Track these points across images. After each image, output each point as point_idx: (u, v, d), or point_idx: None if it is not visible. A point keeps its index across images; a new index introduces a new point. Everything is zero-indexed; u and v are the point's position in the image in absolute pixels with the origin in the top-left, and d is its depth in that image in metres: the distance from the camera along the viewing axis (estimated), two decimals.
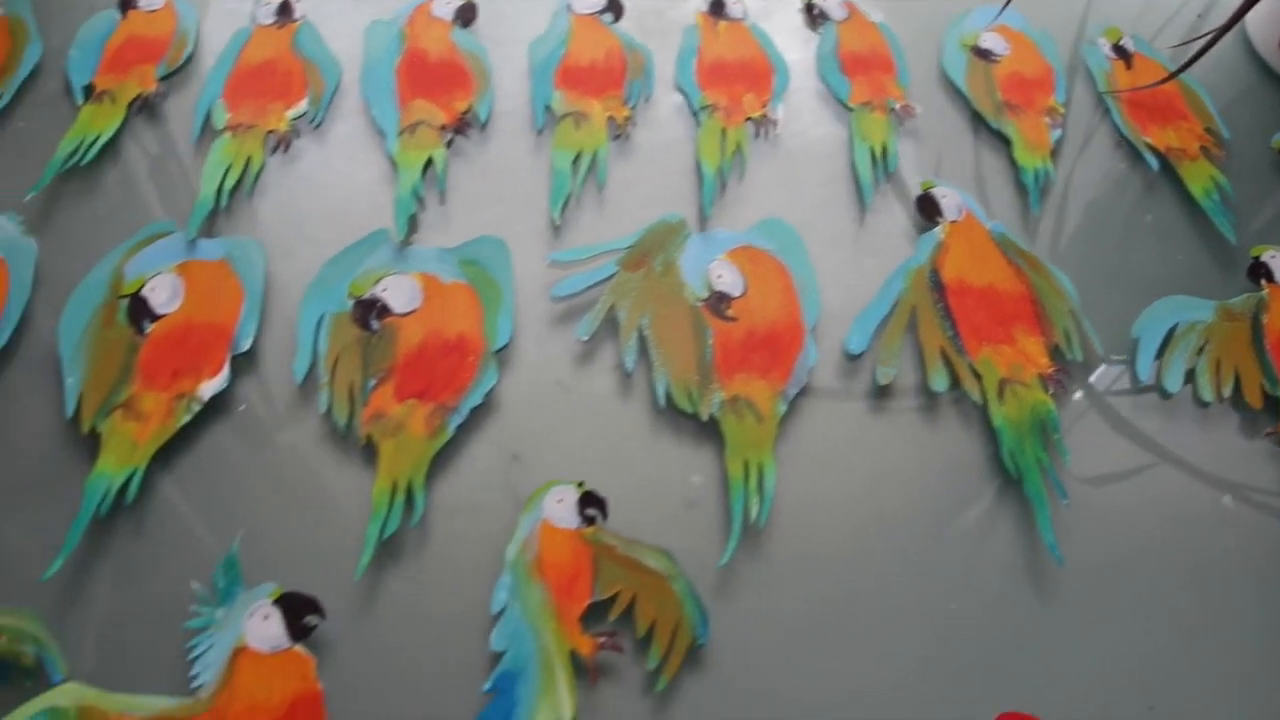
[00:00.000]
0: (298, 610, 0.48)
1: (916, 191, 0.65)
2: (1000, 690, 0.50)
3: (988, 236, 0.63)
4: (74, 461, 0.53)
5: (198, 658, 0.47)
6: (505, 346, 0.57)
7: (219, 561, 0.49)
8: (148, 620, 0.49)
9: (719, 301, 0.59)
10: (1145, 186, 0.70)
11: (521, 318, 0.59)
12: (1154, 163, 0.70)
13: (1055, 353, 0.59)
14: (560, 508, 0.51)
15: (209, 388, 0.54)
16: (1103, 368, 0.61)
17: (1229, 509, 0.56)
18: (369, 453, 0.53)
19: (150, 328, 0.56)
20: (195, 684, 0.46)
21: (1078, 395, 0.60)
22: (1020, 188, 0.68)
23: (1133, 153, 0.71)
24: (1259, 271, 0.64)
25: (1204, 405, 0.60)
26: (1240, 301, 0.63)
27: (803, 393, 0.57)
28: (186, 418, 0.53)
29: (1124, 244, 0.67)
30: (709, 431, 0.56)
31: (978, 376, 0.58)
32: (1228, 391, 0.60)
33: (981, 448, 0.57)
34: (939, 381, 0.58)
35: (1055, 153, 0.70)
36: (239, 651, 0.47)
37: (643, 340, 0.57)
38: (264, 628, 0.47)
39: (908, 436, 0.57)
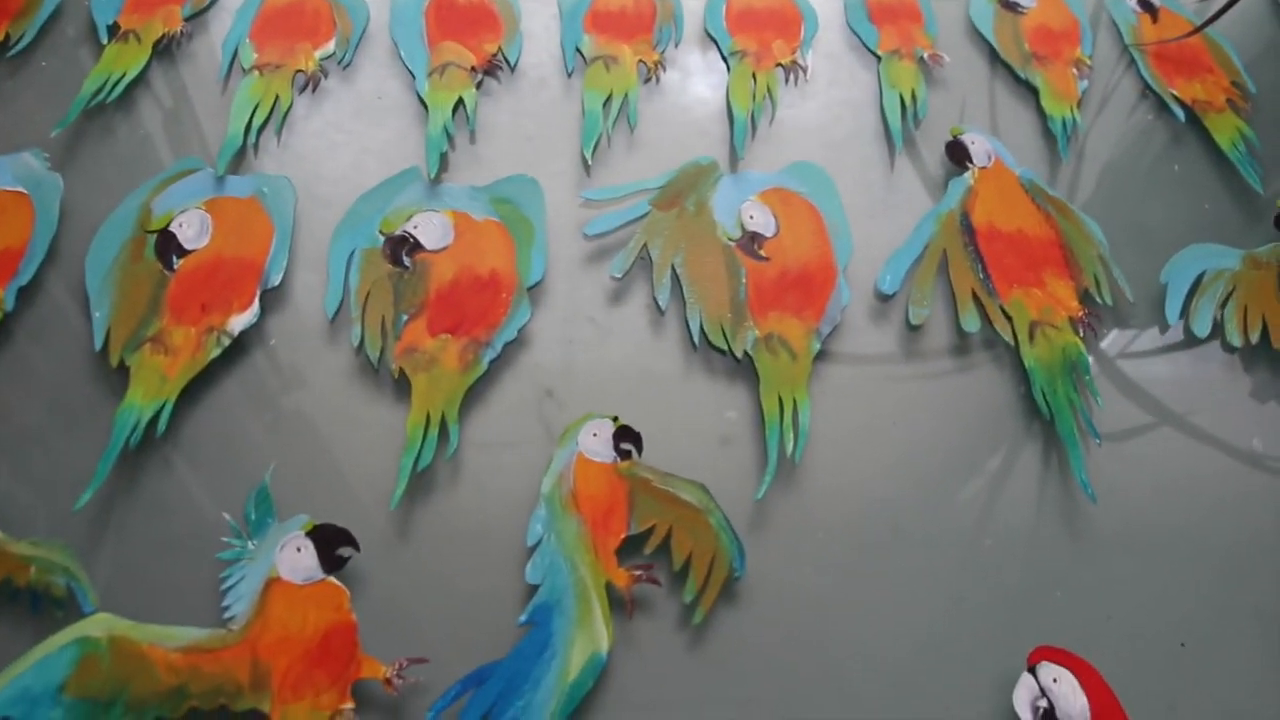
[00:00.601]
0: (331, 542, 0.46)
1: (945, 139, 0.64)
2: (1034, 626, 0.49)
3: (1017, 182, 0.62)
4: (103, 394, 0.51)
5: (229, 589, 0.46)
6: (538, 283, 0.55)
7: (250, 494, 0.48)
8: (179, 552, 0.48)
9: (751, 241, 0.57)
10: (1171, 138, 0.68)
11: (554, 255, 0.57)
12: (1180, 114, 0.68)
13: (1085, 297, 0.58)
14: (595, 441, 0.50)
15: (239, 322, 0.52)
16: (1131, 312, 0.59)
17: (1257, 451, 0.55)
18: (401, 387, 0.52)
19: (179, 263, 0.54)
20: (227, 615, 0.45)
21: (1108, 338, 0.58)
22: (1048, 136, 0.66)
23: (1159, 105, 0.69)
24: None
25: (1232, 350, 0.59)
26: (1267, 250, 0.61)
27: (836, 331, 0.55)
28: (216, 351, 0.52)
29: (1151, 194, 0.65)
30: (743, 369, 0.54)
31: (1008, 318, 0.56)
32: (1255, 337, 0.58)
33: (1014, 388, 0.56)
34: (970, 322, 0.56)
35: (1082, 104, 0.68)
36: (272, 583, 0.45)
37: (676, 278, 0.56)
38: (297, 559, 0.46)
39: (940, 376, 0.56)
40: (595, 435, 0.50)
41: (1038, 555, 0.51)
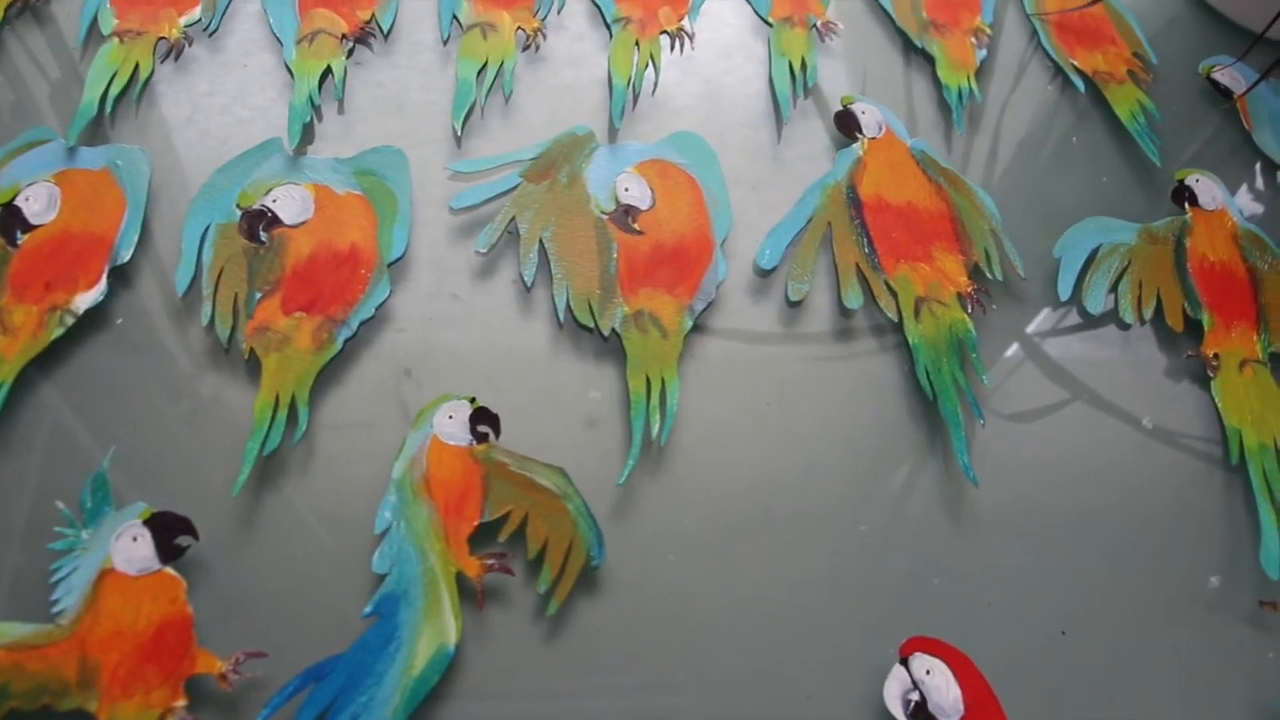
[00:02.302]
0: (169, 530, 0.44)
1: (835, 107, 0.61)
2: (910, 615, 0.47)
3: (908, 154, 0.60)
4: None
5: (60, 581, 0.43)
6: (400, 259, 0.53)
7: (87, 481, 0.45)
8: (8, 543, 0.45)
9: (625, 214, 0.55)
10: (1072, 110, 0.66)
11: (419, 230, 0.55)
12: (1081, 85, 0.66)
13: (975, 272, 0.56)
14: (451, 424, 0.48)
15: (84, 300, 0.50)
16: (1022, 288, 0.57)
17: (1148, 430, 0.53)
18: (253, 368, 0.49)
19: (23, 239, 0.51)
20: (56, 609, 0.42)
21: (998, 316, 0.56)
22: (944, 107, 0.64)
23: (1060, 75, 0.67)
24: (1182, 195, 0.61)
25: (1125, 327, 0.57)
26: (1163, 225, 0.59)
27: (711, 308, 0.53)
28: (59, 331, 0.49)
29: (1050, 166, 0.63)
30: (612, 348, 0.52)
31: (893, 294, 0.54)
32: (1149, 314, 0.57)
33: (896, 366, 0.54)
34: (853, 298, 0.54)
35: (981, 73, 0.66)
36: (105, 574, 0.43)
37: (544, 253, 0.54)
38: (132, 549, 0.43)
39: (820, 354, 0.54)
40: (451, 417, 0.48)
41: (916, 541, 0.49)
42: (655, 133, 0.60)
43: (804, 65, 0.63)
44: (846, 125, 0.60)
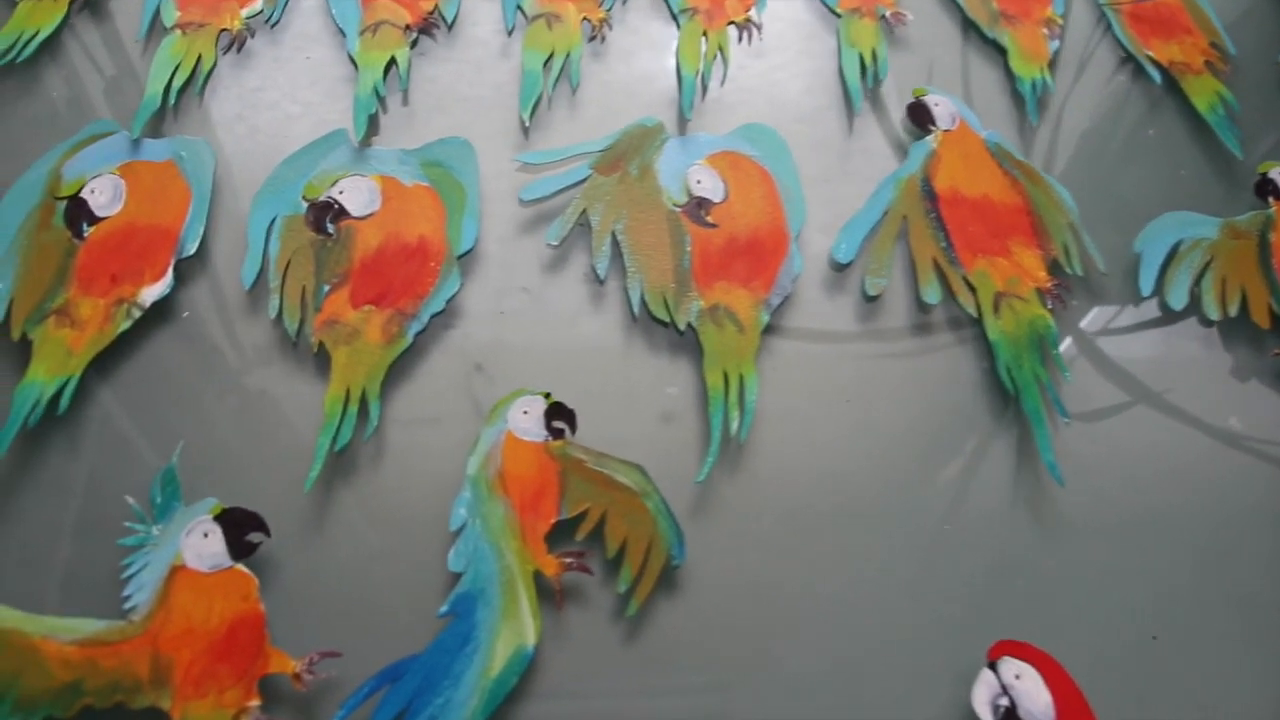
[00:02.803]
0: (240, 527, 0.43)
1: (907, 101, 0.59)
2: (995, 618, 0.45)
3: (983, 146, 0.58)
4: (2, 370, 0.48)
5: (131, 577, 0.42)
6: (469, 251, 0.52)
7: (156, 476, 0.44)
8: (80, 538, 0.44)
9: (698, 207, 0.53)
10: (1147, 101, 0.64)
11: (488, 222, 0.54)
12: (1157, 76, 0.64)
13: (1054, 267, 0.54)
14: (526, 419, 0.46)
15: (151, 293, 0.49)
16: (1102, 284, 0.56)
17: (1235, 430, 0.52)
18: (321, 362, 0.48)
19: (89, 231, 0.51)
20: (128, 605, 0.41)
21: (1079, 312, 0.54)
22: (1016, 98, 0.62)
23: (1134, 67, 0.65)
24: (1266, 188, 0.58)
25: (1209, 324, 0.55)
26: (1247, 219, 0.57)
27: (787, 303, 0.52)
28: (126, 324, 0.48)
29: (1126, 159, 0.61)
30: (686, 343, 0.51)
31: (972, 289, 0.53)
32: (1234, 309, 0.55)
33: (976, 363, 0.52)
34: (931, 294, 0.52)
35: (1053, 65, 0.64)
36: (176, 571, 0.42)
37: (616, 246, 0.52)
38: (203, 545, 0.42)
39: (899, 351, 0.52)
40: (526, 413, 0.47)
41: (1001, 541, 0.48)
42: (724, 125, 0.58)
43: (874, 57, 0.62)
44: (919, 117, 0.58)
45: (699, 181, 0.54)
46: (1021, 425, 0.50)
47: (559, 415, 0.47)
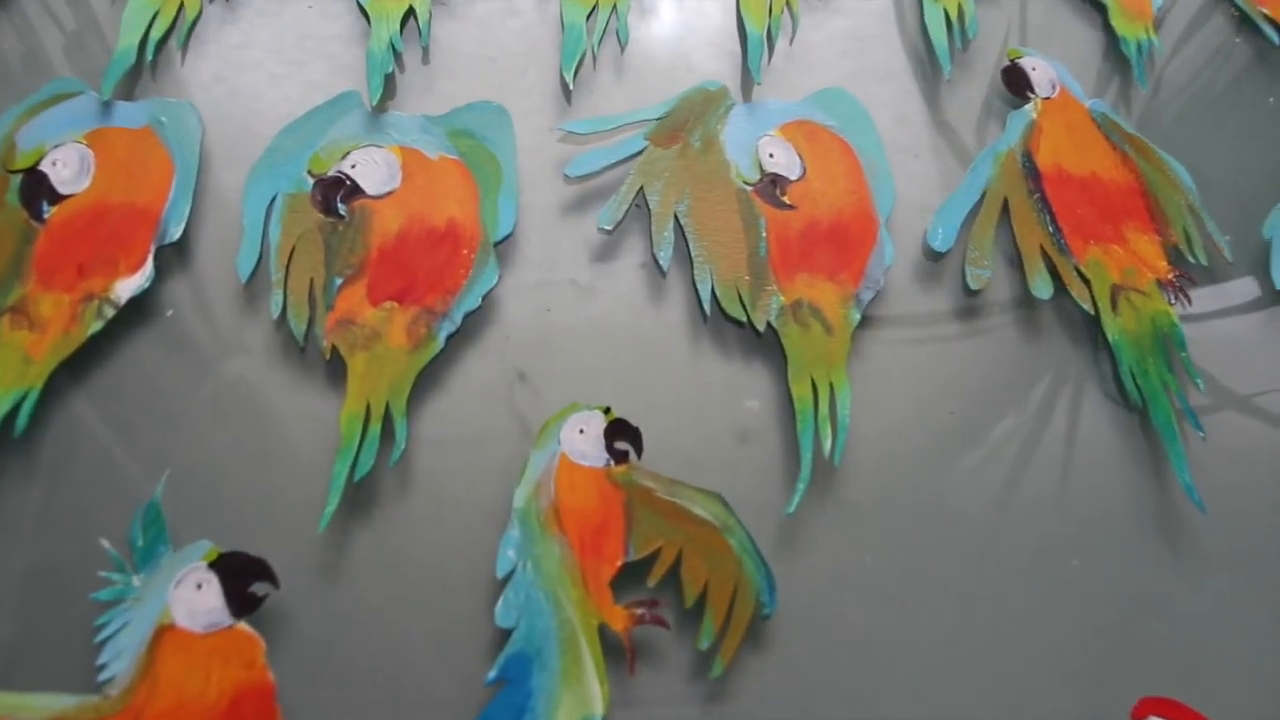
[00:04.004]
0: (241, 576, 0.37)
1: (1000, 63, 0.53)
2: (1134, 668, 0.40)
3: (1087, 116, 0.52)
4: None
5: (108, 640, 0.36)
6: (508, 237, 0.45)
7: (137, 513, 0.37)
8: (42, 590, 0.38)
9: (772, 185, 0.47)
10: (1261, 67, 0.57)
11: (527, 202, 0.47)
12: (1275, 37, 0.57)
13: (1174, 255, 0.48)
14: (582, 440, 0.40)
15: (126, 287, 0.42)
16: (1228, 274, 0.49)
17: None
18: (335, 370, 0.42)
19: (50, 212, 0.43)
20: (104, 676, 0.35)
21: (1199, 305, 0.48)
22: (1119, 61, 0.55)
23: (1249, 26, 0.58)
24: None
25: None
26: None
27: (878, 298, 0.46)
28: (97, 325, 0.41)
29: (1242, 132, 0.55)
30: (766, 345, 0.45)
31: (1086, 281, 0.47)
32: None
33: (1094, 368, 0.46)
34: (1042, 287, 0.46)
35: (1158, 24, 0.57)
36: (163, 631, 0.36)
37: (680, 231, 0.46)
38: (197, 600, 0.36)
39: (1005, 353, 0.46)
40: (582, 432, 0.41)
41: (1136, 578, 0.42)
42: (796, 90, 0.51)
43: (960, 14, 0.55)
44: (1016, 83, 0.52)
45: (771, 155, 0.48)
46: (1150, 440, 0.44)
47: (621, 434, 0.41)
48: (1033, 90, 0.52)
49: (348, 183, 0.45)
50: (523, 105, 0.49)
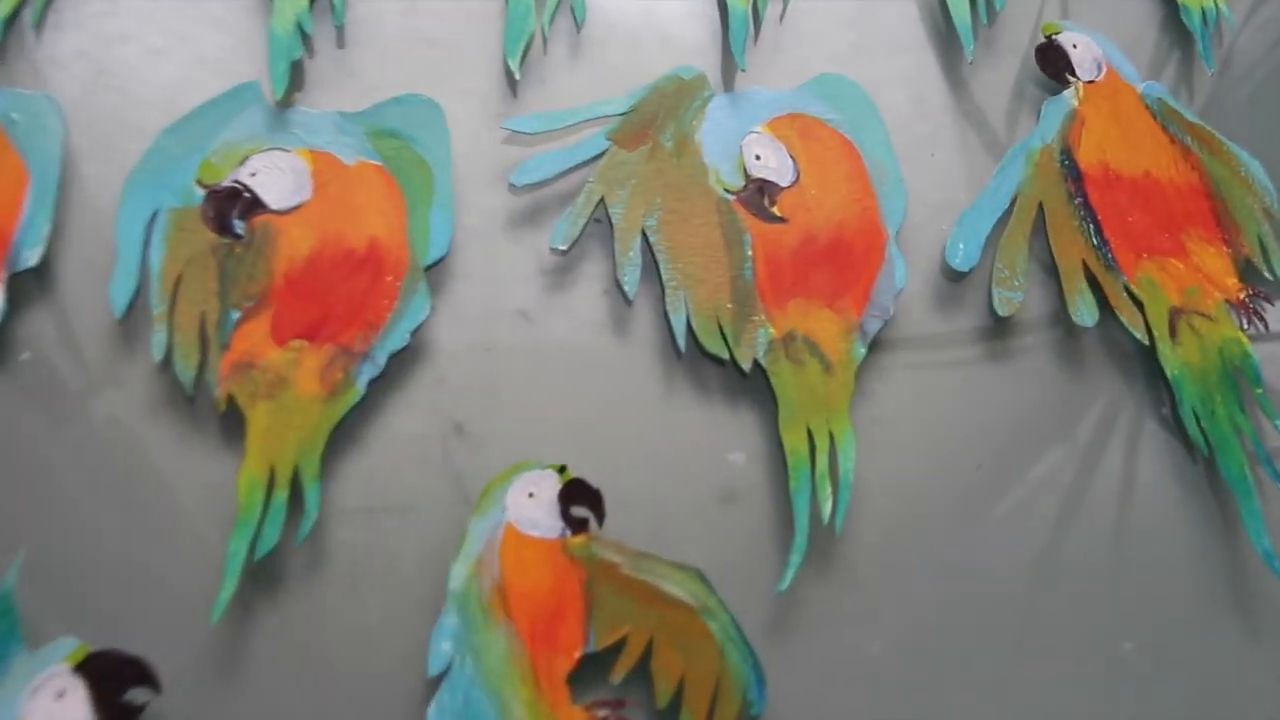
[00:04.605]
0: (114, 680, 0.37)
1: (1035, 41, 0.55)
2: None
3: (1140, 103, 0.54)
4: None
5: None
6: (441, 260, 0.46)
7: None
8: None
9: (759, 193, 0.48)
10: None
11: (466, 217, 0.48)
12: None
13: (1246, 269, 0.51)
14: (532, 506, 0.42)
15: None
16: None
17: None
18: (231, 425, 0.43)
19: None
20: None
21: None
22: (1180, 35, 0.58)
23: None
24: None
25: None
26: None
27: (888, 328, 0.47)
28: None
29: None
30: (752, 387, 0.46)
31: (1138, 304, 0.49)
32: None
33: (1150, 408, 0.48)
34: (1085, 312, 0.48)
35: None
36: None
37: (649, 250, 0.47)
38: (58, 712, 0.37)
39: (1044, 393, 0.48)
40: (532, 496, 0.42)
41: (1203, 666, 0.44)
42: (788, 77, 0.53)
43: None
44: (1054, 64, 0.54)
45: (758, 157, 0.49)
46: (1220, 496, 0.47)
47: (580, 498, 0.42)
48: (1074, 72, 0.54)
49: (246, 195, 0.46)
50: (459, 99, 0.51)
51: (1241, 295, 0.50)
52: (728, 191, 0.49)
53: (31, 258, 0.45)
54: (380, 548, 0.42)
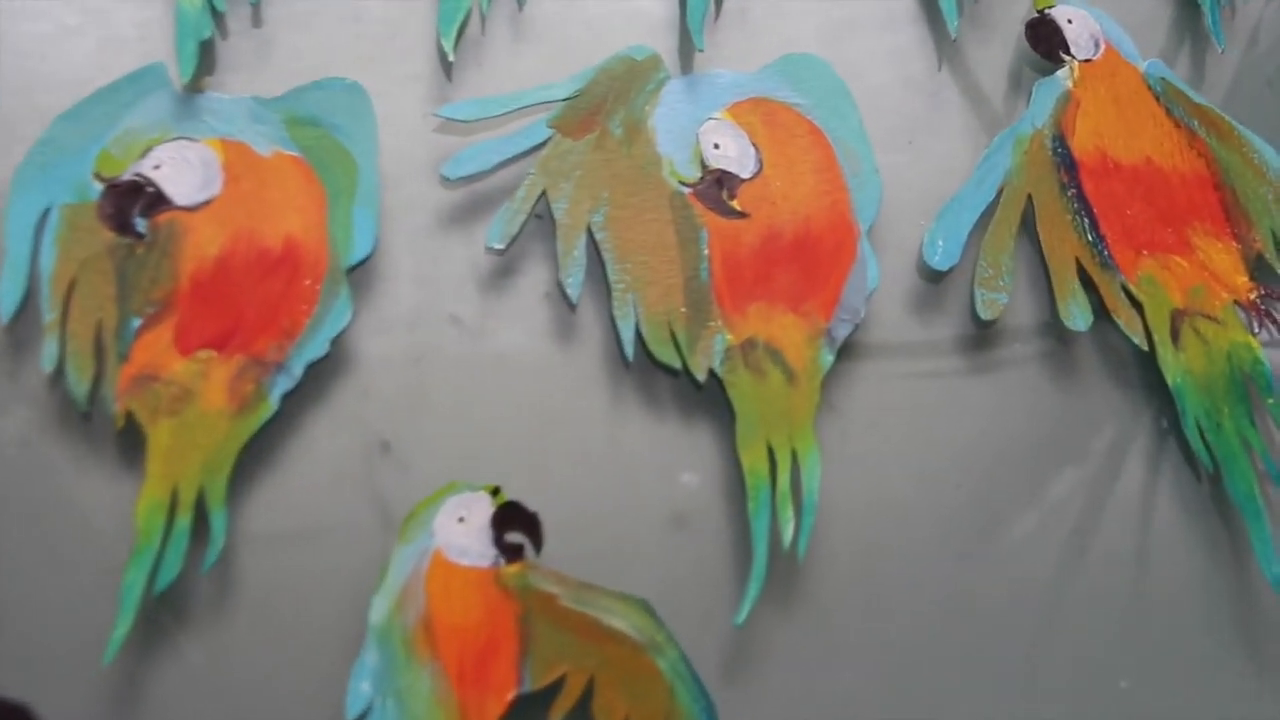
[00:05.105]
0: None
1: (1024, 16, 0.56)
2: None
3: (1142, 84, 0.55)
4: None
5: None
6: (366, 260, 0.47)
7: None
8: None
9: (718, 185, 0.49)
10: None
11: (393, 214, 0.49)
12: None
13: (1258, 266, 0.52)
14: (463, 531, 0.42)
15: None
16: None
17: None
18: (129, 443, 0.43)
19: None
20: None
21: None
22: (1186, 8, 0.59)
23: None
24: None
25: None
26: None
27: (858, 332, 0.48)
28: None
29: None
30: (708, 400, 0.47)
31: (1137, 306, 0.50)
32: None
33: (1149, 421, 0.49)
34: (1077, 315, 0.49)
35: None
36: None
37: (595, 249, 0.48)
38: None
39: (1031, 404, 0.49)
40: (462, 520, 0.42)
41: (1207, 699, 0.45)
42: (752, 57, 0.54)
43: None
44: (1046, 41, 0.55)
45: (717, 146, 0.50)
46: (1226, 517, 0.48)
47: (515, 523, 0.43)
48: (1068, 50, 0.54)
49: (149, 189, 0.47)
50: (388, 83, 0.51)
51: (1252, 295, 0.50)
52: (683, 184, 0.50)
53: None
54: (294, 578, 0.43)
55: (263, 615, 0.42)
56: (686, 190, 0.49)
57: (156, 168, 0.47)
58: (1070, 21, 0.55)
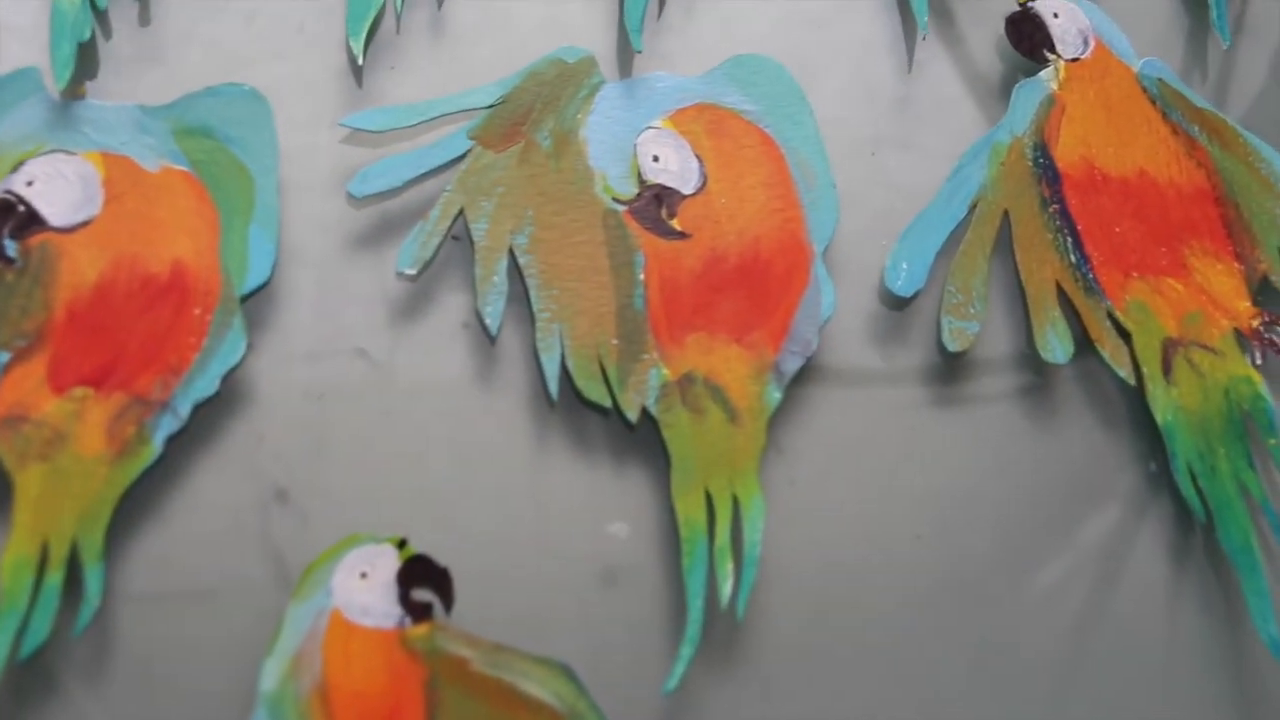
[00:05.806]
0: None
1: (1008, 8, 0.58)
2: None
3: (1135, 84, 0.57)
4: None
5: None
6: (263, 287, 0.49)
7: None
8: None
9: (656, 202, 0.51)
10: None
11: (293, 235, 0.51)
12: None
13: (1263, 290, 0.53)
14: (364, 588, 0.44)
15: None
16: None
17: None
18: None
19: None
20: None
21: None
22: (1190, 2, 0.61)
23: None
24: None
25: None
26: None
27: (810, 366, 0.50)
28: None
29: None
30: (641, 441, 0.49)
31: (1125, 335, 0.52)
32: None
33: (1135, 463, 0.51)
34: (1055, 346, 0.51)
35: None
36: None
37: (519, 274, 0.50)
38: None
39: (1004, 446, 0.51)
40: (365, 576, 0.44)
41: None
42: (697, 59, 0.56)
43: None
44: (1029, 37, 0.57)
45: (656, 158, 0.52)
46: (1219, 570, 0.50)
47: (422, 579, 0.45)
48: (1053, 48, 0.57)
49: (20, 208, 0.49)
50: (289, 90, 0.53)
51: (1255, 323, 0.52)
52: (617, 201, 0.52)
53: None
54: (178, 641, 0.45)
55: (142, 682, 0.44)
56: (621, 208, 0.51)
57: (29, 184, 0.49)
58: (1056, 15, 0.57)
